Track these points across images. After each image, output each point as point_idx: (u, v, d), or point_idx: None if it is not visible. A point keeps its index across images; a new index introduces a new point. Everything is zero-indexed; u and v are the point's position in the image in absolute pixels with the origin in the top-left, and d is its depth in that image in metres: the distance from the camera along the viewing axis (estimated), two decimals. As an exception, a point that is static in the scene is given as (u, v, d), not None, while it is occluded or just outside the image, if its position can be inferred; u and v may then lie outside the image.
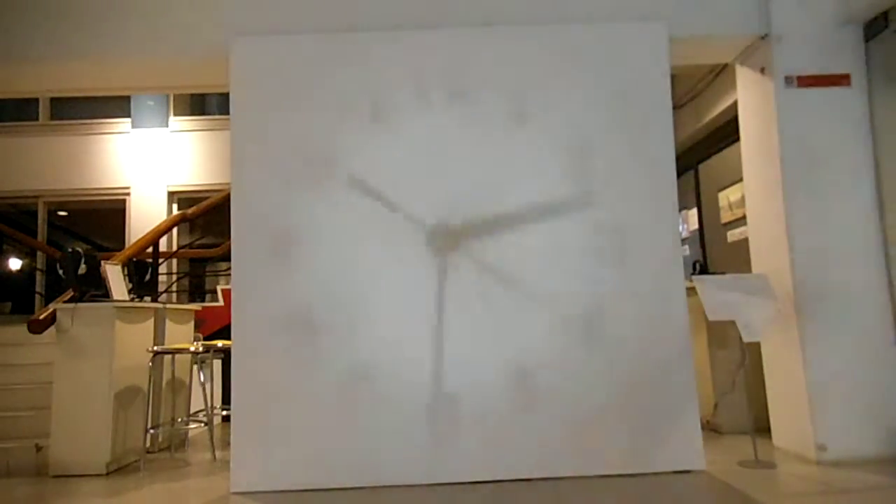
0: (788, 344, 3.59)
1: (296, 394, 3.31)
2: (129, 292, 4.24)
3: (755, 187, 3.95)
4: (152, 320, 4.45)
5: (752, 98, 3.94)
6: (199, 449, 4.44)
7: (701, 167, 6.02)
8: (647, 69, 3.56)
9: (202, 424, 4.54)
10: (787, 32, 3.69)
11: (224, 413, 4.85)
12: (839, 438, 3.40)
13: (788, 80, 3.67)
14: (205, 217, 6.19)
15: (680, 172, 3.70)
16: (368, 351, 3.36)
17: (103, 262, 4.06)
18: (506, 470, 3.27)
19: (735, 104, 4.24)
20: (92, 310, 3.86)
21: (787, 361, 3.61)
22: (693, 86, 5.43)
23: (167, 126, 8.04)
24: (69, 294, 4.07)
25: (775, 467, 3.34)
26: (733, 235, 5.31)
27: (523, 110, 3.53)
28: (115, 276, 4.05)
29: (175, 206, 7.99)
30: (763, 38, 3.75)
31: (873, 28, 3.65)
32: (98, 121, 8.02)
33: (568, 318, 3.39)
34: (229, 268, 3.64)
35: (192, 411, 4.69)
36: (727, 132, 5.12)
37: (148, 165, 7.93)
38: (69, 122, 8.04)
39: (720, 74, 4.96)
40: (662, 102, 3.56)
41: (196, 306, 5.31)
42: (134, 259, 4.68)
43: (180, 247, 7.92)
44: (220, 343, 4.34)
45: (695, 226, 6.15)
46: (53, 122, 8.09)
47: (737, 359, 4.17)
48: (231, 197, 3.48)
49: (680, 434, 3.31)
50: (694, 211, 6.16)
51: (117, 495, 3.31)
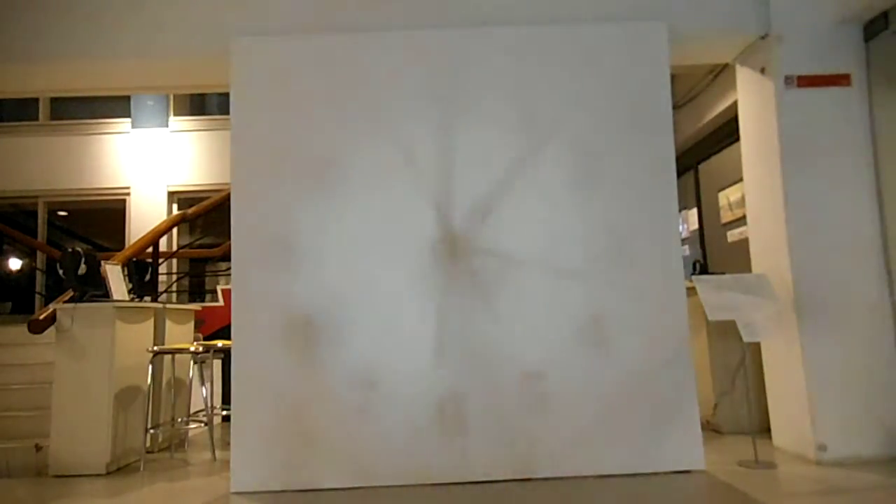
0: (788, 344, 3.59)
1: (296, 394, 3.32)
2: (129, 292, 4.24)
3: (755, 187, 3.95)
4: (152, 320, 4.45)
5: (752, 98, 3.94)
6: (199, 449, 4.44)
7: (701, 167, 6.02)
8: (648, 69, 3.57)
9: (202, 424, 4.55)
10: (787, 32, 3.69)
11: (224, 413, 4.86)
12: (839, 438, 3.40)
13: (788, 80, 3.67)
14: (205, 217, 6.19)
15: (680, 172, 3.70)
16: (369, 350, 3.36)
17: (103, 262, 4.06)
18: (506, 470, 3.27)
19: (735, 104, 4.24)
20: (92, 310, 3.87)
21: (787, 361, 3.61)
22: (693, 86, 5.43)
23: (167, 126, 8.04)
24: (69, 294, 4.07)
25: (775, 467, 3.34)
26: (733, 235, 5.31)
27: (523, 110, 3.53)
28: (115, 276, 4.05)
29: (175, 206, 8.00)
30: (763, 38, 3.75)
31: (873, 28, 3.65)
32: (98, 121, 8.02)
33: (568, 319, 3.40)
34: (229, 268, 3.65)
35: (192, 411, 4.69)
36: (727, 132, 5.12)
37: (148, 165, 7.93)
38: (69, 122, 8.04)
39: (720, 74, 4.96)
40: (663, 102, 3.56)
41: (196, 306, 5.31)
42: (134, 259, 4.68)
43: (180, 247, 7.92)
44: (220, 343, 4.35)
45: (695, 226, 6.15)
46: (53, 122, 8.09)
47: (737, 359, 4.18)
48: (231, 197, 3.49)
49: (680, 434, 3.32)
50: (694, 211, 6.16)
51: (117, 495, 3.31)
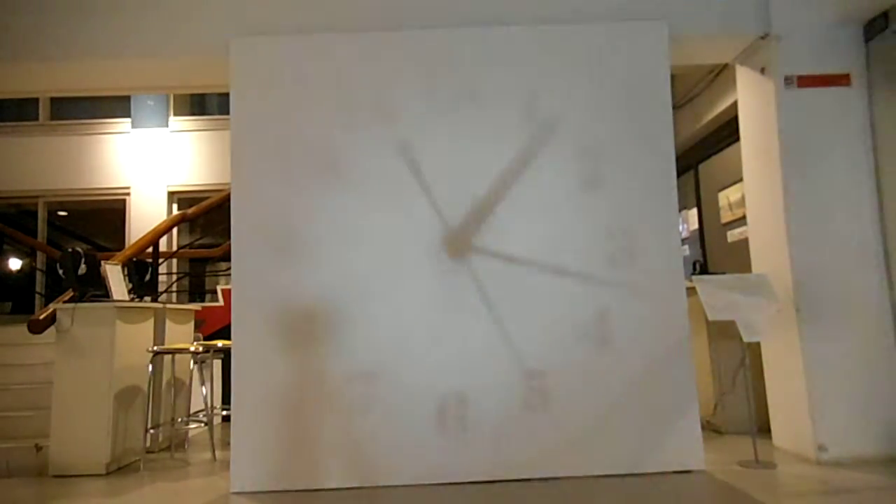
0: (788, 344, 3.59)
1: (296, 394, 3.32)
2: (129, 292, 4.24)
3: (755, 187, 3.95)
4: (152, 320, 4.45)
5: (752, 98, 3.94)
6: (199, 449, 4.44)
7: (701, 167, 6.02)
8: (648, 69, 3.57)
9: (202, 424, 4.55)
10: (787, 32, 3.69)
11: (224, 413, 4.85)
12: (839, 438, 3.40)
13: (788, 80, 3.67)
14: (205, 217, 6.18)
15: (680, 172, 3.70)
16: (369, 351, 3.36)
17: (103, 262, 4.06)
18: (506, 470, 3.27)
19: (735, 104, 4.24)
20: (92, 310, 3.87)
21: (787, 361, 3.61)
22: (693, 86, 5.43)
23: (167, 126, 8.04)
24: (69, 294, 4.07)
25: (775, 467, 3.34)
26: (733, 235, 5.31)
27: (526, 110, 3.53)
28: (115, 276, 4.05)
29: (175, 206, 7.99)
30: (763, 38, 3.75)
31: (873, 28, 3.65)
32: (98, 121, 8.01)
33: (569, 319, 3.40)
34: (229, 268, 3.64)
35: (192, 411, 4.69)
36: (727, 132, 5.12)
37: (148, 165, 7.92)
38: (69, 122, 8.03)
39: (720, 74, 4.96)
40: (663, 102, 3.56)
41: (196, 306, 5.31)
42: (134, 259, 4.68)
43: (180, 247, 7.91)
44: (220, 343, 4.35)
45: (695, 226, 6.15)
46: (53, 122, 8.08)
47: (737, 359, 4.17)
48: (231, 197, 3.49)
49: (680, 434, 3.32)
50: (694, 211, 6.16)
51: (117, 495, 3.31)
